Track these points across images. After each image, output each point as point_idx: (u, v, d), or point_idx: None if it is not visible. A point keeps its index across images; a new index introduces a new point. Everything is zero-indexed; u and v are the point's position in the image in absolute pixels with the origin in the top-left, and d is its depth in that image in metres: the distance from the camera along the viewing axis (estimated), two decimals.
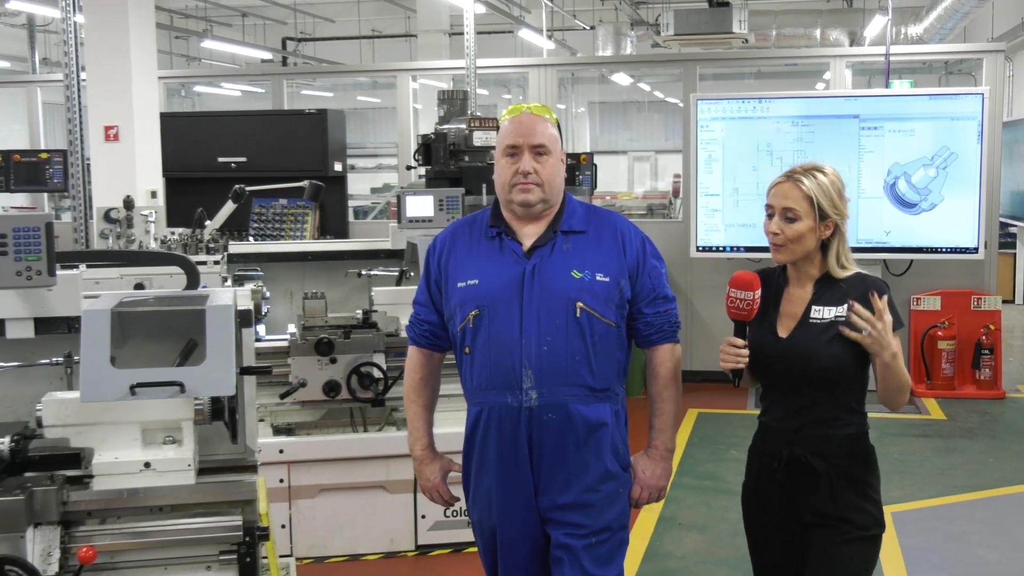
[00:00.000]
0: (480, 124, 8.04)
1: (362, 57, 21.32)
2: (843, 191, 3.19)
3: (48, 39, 17.17)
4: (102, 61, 8.65)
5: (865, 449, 3.23)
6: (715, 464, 7.18)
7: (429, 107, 12.91)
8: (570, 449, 3.19)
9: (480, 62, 10.75)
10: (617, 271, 3.24)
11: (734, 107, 9.01)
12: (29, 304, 3.20)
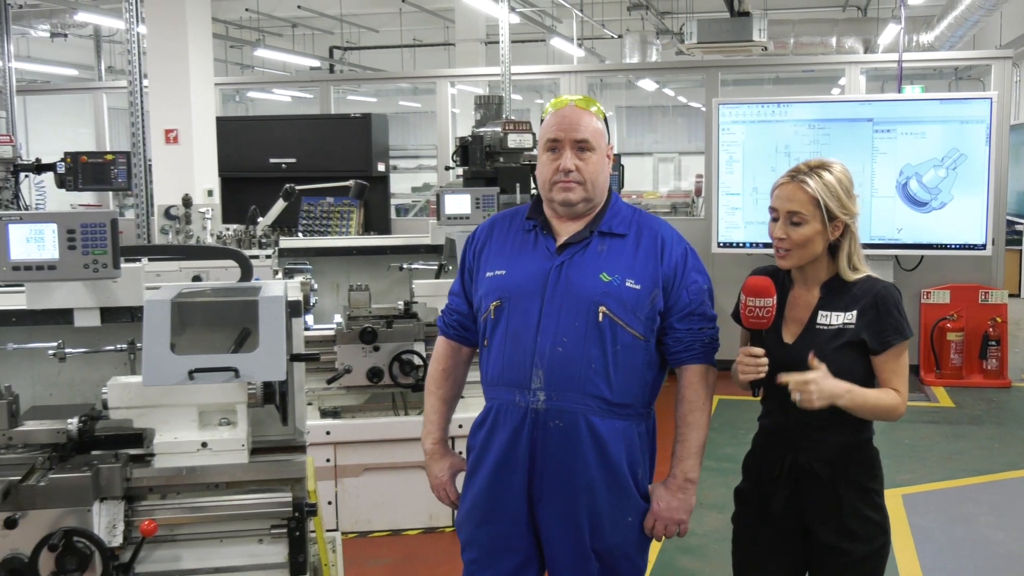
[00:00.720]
0: (514, 127, 8.04)
1: (404, 65, 21.35)
2: (851, 188, 2.87)
3: (113, 49, 17.30)
4: (163, 69, 8.71)
5: (870, 455, 2.96)
6: (735, 448, 7.11)
7: (466, 111, 12.92)
8: (575, 463, 2.83)
9: (514, 69, 10.73)
10: (651, 280, 2.88)
11: (754, 111, 8.97)
12: (96, 295, 3.23)
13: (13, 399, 2.94)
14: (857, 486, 2.90)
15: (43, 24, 15.13)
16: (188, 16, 8.75)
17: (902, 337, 2.82)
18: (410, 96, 23.22)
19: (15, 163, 8.12)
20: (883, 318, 2.80)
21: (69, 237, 3.07)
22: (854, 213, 2.86)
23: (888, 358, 2.82)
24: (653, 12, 16.61)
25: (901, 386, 2.82)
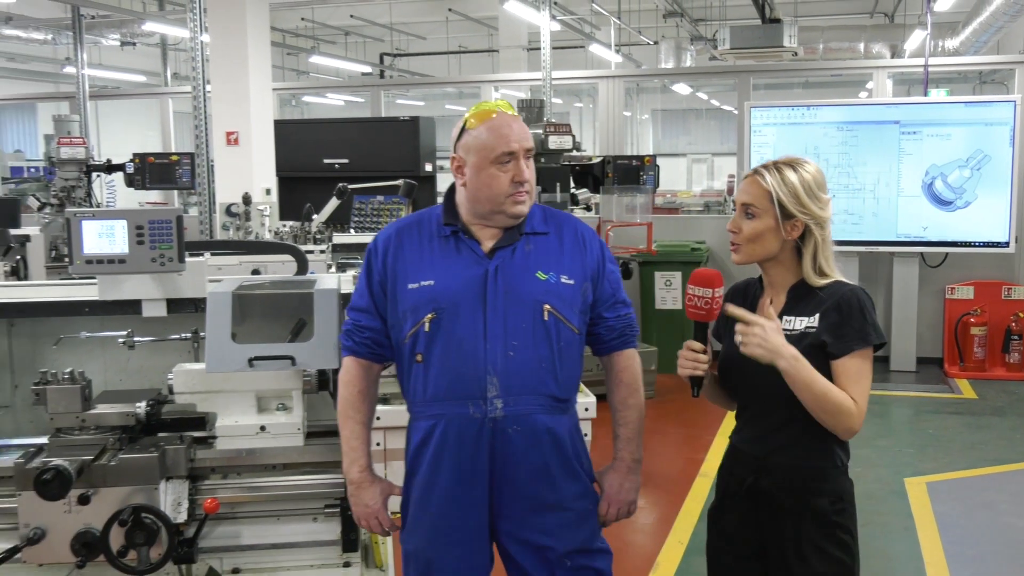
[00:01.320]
0: (555, 129, 8.04)
1: (450, 70, 21.38)
2: (817, 190, 2.55)
3: (178, 56, 17.48)
4: (224, 75, 8.78)
5: (840, 486, 2.58)
6: None
7: None
8: (536, 465, 2.63)
9: (555, 74, 10.70)
10: (581, 274, 2.73)
11: (784, 114, 8.90)
12: (162, 287, 3.26)
13: (86, 384, 2.98)
14: (821, 519, 2.54)
15: (114, 34, 15.30)
16: (248, 25, 8.82)
17: (864, 343, 2.48)
18: (456, 100, 23.25)
19: (88, 163, 8.24)
20: (846, 321, 2.49)
21: (138, 233, 3.11)
22: (816, 215, 2.54)
23: (847, 364, 2.47)
24: (687, 19, 16.51)
25: (858, 396, 2.46)
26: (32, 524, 2.76)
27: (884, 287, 9.12)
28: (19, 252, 6.47)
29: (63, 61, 16.97)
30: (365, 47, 20.77)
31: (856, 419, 2.46)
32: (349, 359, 2.74)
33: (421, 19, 18.74)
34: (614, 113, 10.67)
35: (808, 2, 16.12)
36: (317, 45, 19.18)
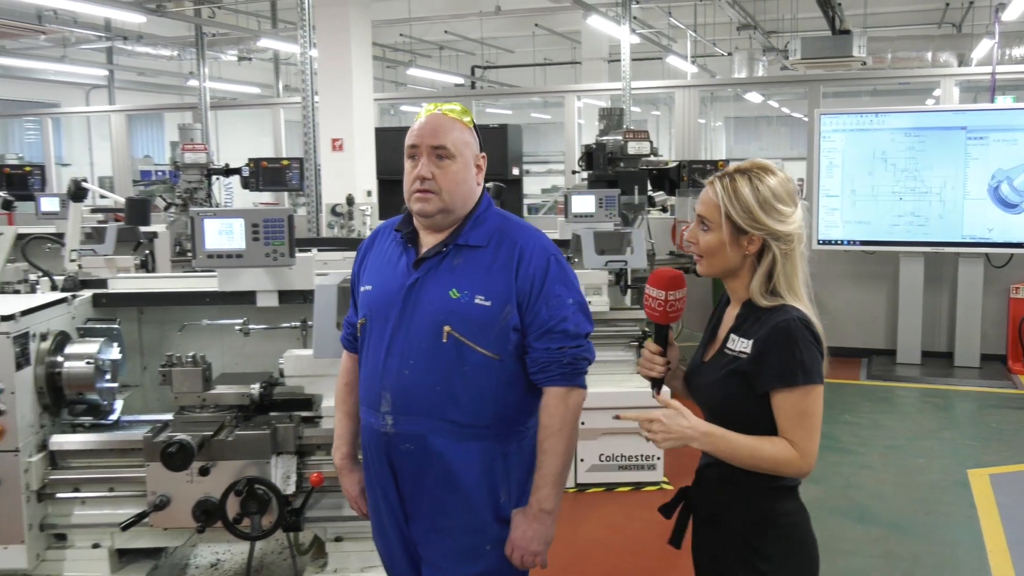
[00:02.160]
0: (634, 136, 7.98)
1: (535, 81, 21.34)
2: (775, 203, 2.13)
3: (288, 70, 17.80)
4: (331, 87, 8.91)
5: (766, 510, 2.17)
6: (830, 426, 6.94)
7: (590, 122, 12.85)
8: (432, 486, 2.38)
9: (634, 84, 10.62)
10: (503, 295, 2.34)
11: (853, 120, 8.68)
12: (274, 279, 3.33)
13: (207, 367, 3.05)
14: (735, 540, 2.19)
15: (232, 50, 15.65)
16: (352, 41, 8.93)
17: (784, 383, 2.07)
18: (541, 109, 23.24)
19: (208, 168, 8.45)
20: (770, 355, 2.09)
21: (253, 230, 3.17)
22: (772, 230, 2.13)
23: (783, 402, 2.08)
24: (760, 31, 16.21)
25: (800, 439, 2.08)
26: (158, 492, 2.85)
27: (949, 286, 8.84)
28: (148, 247, 6.68)
29: (187, 75, 17.41)
30: (458, 60, 20.87)
31: (800, 463, 2.08)
32: (344, 352, 2.64)
33: (509, 34, 18.75)
34: (689, 120, 10.54)
35: (877, 13, 15.67)
36: (414, 59, 19.33)
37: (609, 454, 5.58)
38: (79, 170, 16.72)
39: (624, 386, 5.57)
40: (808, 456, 2.09)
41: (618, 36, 11.32)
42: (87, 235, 6.11)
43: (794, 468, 2.09)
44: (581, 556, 4.75)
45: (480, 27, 16.99)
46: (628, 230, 6.13)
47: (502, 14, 13.10)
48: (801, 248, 2.18)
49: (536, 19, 16.70)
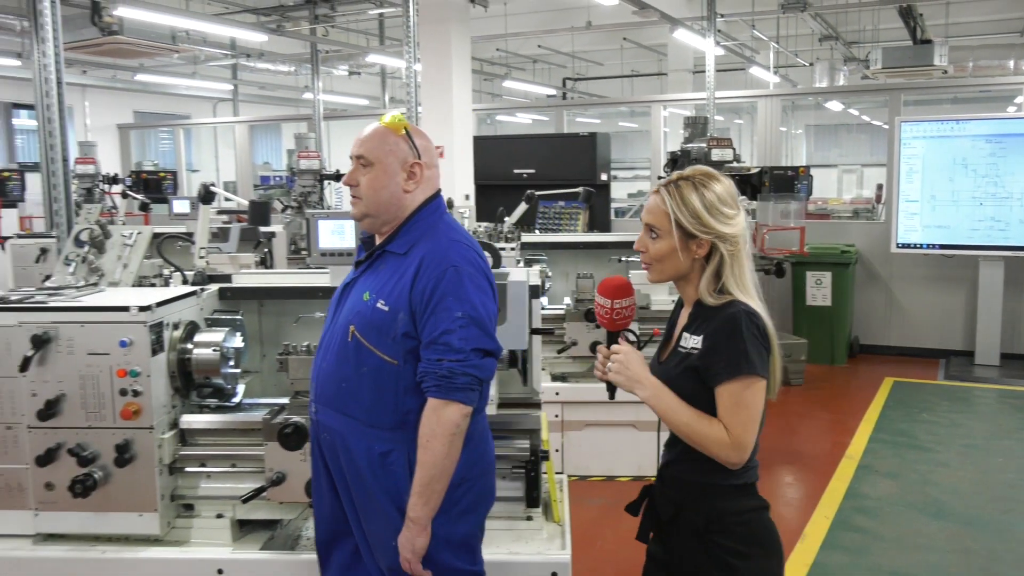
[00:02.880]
0: (717, 143, 7.84)
1: (623, 92, 21.19)
2: (721, 206, 2.13)
3: (394, 83, 18.05)
4: (433, 98, 9.01)
5: (723, 507, 2.13)
6: (908, 424, 6.71)
7: (675, 130, 12.69)
8: (349, 474, 2.38)
9: (718, 94, 10.44)
10: (398, 301, 2.30)
11: (934, 127, 8.36)
12: None
13: None
14: (697, 536, 2.15)
15: (343, 65, 15.96)
16: (453, 56, 9.02)
17: (731, 374, 2.04)
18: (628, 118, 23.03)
19: (321, 173, 8.61)
20: (716, 348, 2.07)
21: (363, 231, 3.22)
22: (719, 232, 2.11)
23: (722, 392, 2.06)
24: (841, 42, 15.77)
25: (735, 427, 2.04)
26: (275, 469, 2.91)
27: None
28: (267, 246, 6.84)
29: (303, 89, 17.81)
30: (550, 72, 20.85)
31: (729, 450, 2.04)
32: None
33: (599, 47, 18.65)
34: (771, 128, 10.31)
35: (959, 23, 15.06)
36: (509, 71, 19.39)
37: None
38: (206, 175, 17.28)
39: None
40: (740, 447, 2.05)
41: (703, 48, 11.16)
42: (213, 234, 6.29)
43: (724, 453, 2.05)
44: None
45: (571, 41, 16.94)
46: None
47: (593, 29, 13.03)
48: (747, 248, 2.17)
49: (624, 33, 16.56)
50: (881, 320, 9.22)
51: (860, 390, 7.75)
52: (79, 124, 16.57)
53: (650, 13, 10.69)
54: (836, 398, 7.54)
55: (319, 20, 13.06)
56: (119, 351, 2.86)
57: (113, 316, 2.87)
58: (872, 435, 6.43)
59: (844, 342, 8.83)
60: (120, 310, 2.87)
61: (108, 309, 2.88)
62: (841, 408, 7.24)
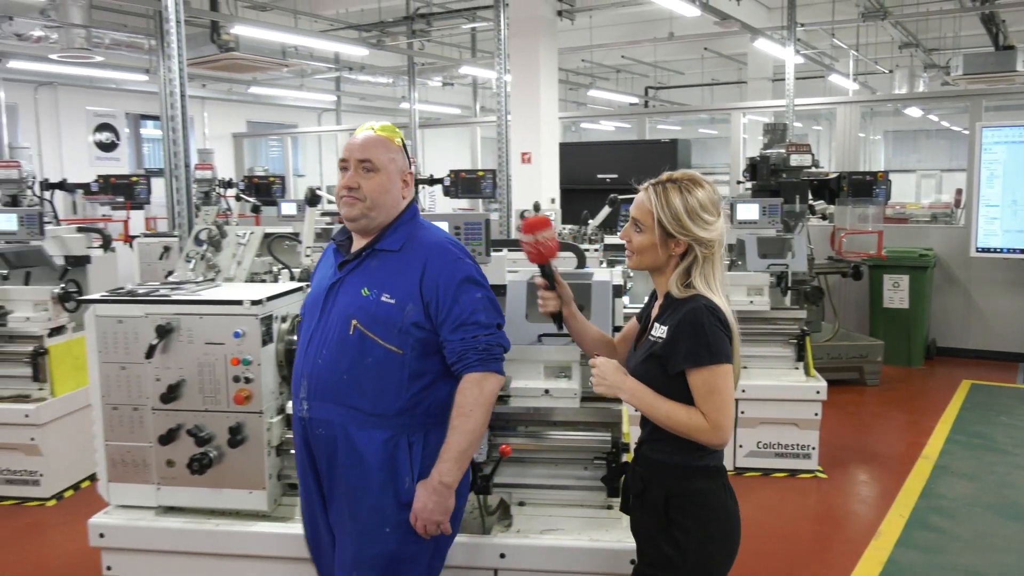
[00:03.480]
0: (796, 149, 7.66)
1: (703, 99, 20.86)
2: (701, 212, 2.19)
3: (484, 93, 18.16)
4: (521, 107, 9.03)
5: (684, 486, 2.20)
6: (985, 426, 6.43)
7: (753, 136, 12.43)
8: (343, 469, 2.37)
9: (797, 101, 10.19)
10: (406, 293, 2.36)
11: (1016, 133, 8.00)
12: None
13: None
14: (655, 511, 2.23)
15: (437, 76, 16.13)
16: (541, 67, 9.02)
17: (692, 363, 2.11)
18: (707, 125, 22.70)
19: (416, 178, 8.73)
20: (678, 339, 2.14)
21: (455, 232, 3.24)
22: (697, 236, 2.18)
23: (693, 380, 2.13)
24: (922, 49, 15.18)
25: (711, 412, 2.11)
26: None
27: None
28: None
29: (399, 99, 18.07)
30: (632, 82, 20.67)
31: (711, 434, 2.11)
32: None
33: (680, 57, 18.41)
34: (850, 134, 10.01)
35: None
36: (593, 81, 19.29)
37: (767, 442, 5.39)
38: (311, 180, 17.69)
39: (783, 379, 5.36)
40: (719, 428, 2.12)
41: (783, 57, 10.90)
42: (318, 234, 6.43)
43: (705, 436, 2.13)
44: None
45: (654, 52, 16.76)
46: (789, 236, 5.90)
47: (674, 40, 12.87)
48: (721, 252, 2.24)
49: (705, 43, 16.31)
50: (959, 323, 8.86)
51: (937, 392, 7.46)
52: (198, 133, 17.17)
53: (731, 24, 10.49)
54: (912, 399, 7.27)
55: (416, 35, 13.24)
56: (233, 341, 2.94)
57: (228, 309, 2.95)
58: (948, 436, 6.18)
59: (921, 344, 8.52)
60: (234, 304, 2.95)
61: (224, 303, 2.96)
62: (917, 409, 6.98)
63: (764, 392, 5.31)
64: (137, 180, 8.21)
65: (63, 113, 15.51)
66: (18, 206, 6.84)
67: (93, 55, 10.86)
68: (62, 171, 13.16)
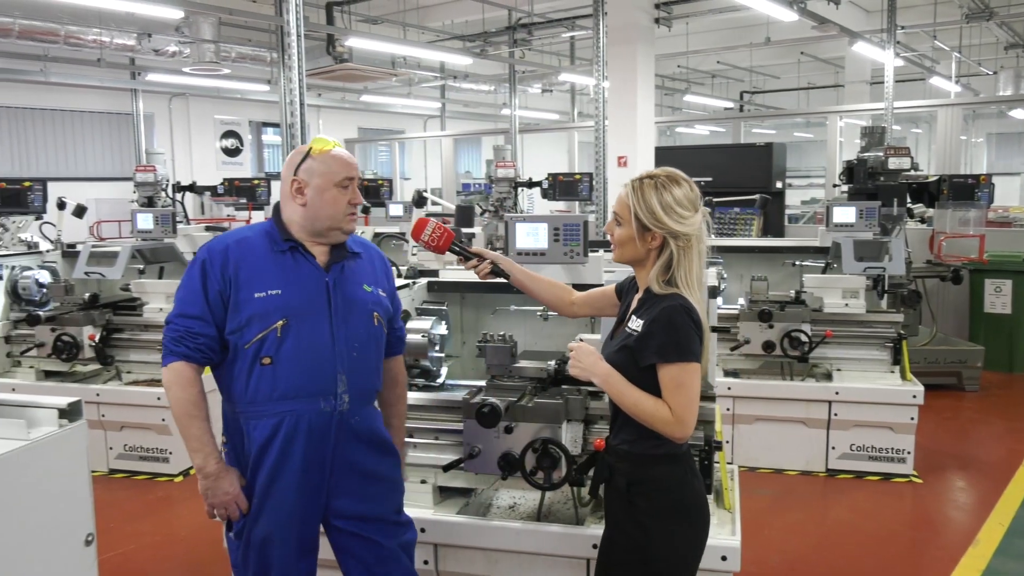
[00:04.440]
0: (895, 152, 7.36)
1: (799, 103, 20.25)
2: (676, 207, 2.19)
3: (582, 99, 18.10)
4: (618, 112, 8.97)
5: (647, 474, 2.24)
6: None
7: (850, 140, 12.00)
8: (369, 450, 2.49)
9: (896, 104, 9.78)
10: (387, 289, 2.60)
11: None
12: (570, 274, 3.38)
13: (513, 344, 3.16)
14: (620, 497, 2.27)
15: (537, 83, 16.17)
16: (638, 73, 8.93)
17: (662, 358, 2.13)
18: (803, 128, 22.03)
19: (515, 181, 8.77)
20: (650, 334, 2.16)
21: (555, 233, 3.25)
22: (671, 229, 2.19)
23: (662, 374, 2.15)
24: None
25: (677, 406, 2.12)
26: (472, 444, 2.98)
27: None
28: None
29: (500, 105, 18.20)
30: (727, 86, 20.25)
31: (674, 427, 2.13)
32: (182, 364, 2.36)
33: (776, 62, 17.91)
34: (951, 137, 9.55)
35: None
36: (689, 86, 18.99)
37: (860, 444, 5.19)
38: (416, 183, 18.01)
39: (878, 383, 5.16)
40: (682, 422, 2.14)
41: (882, 60, 10.48)
42: None
43: (668, 428, 2.14)
44: (831, 536, 4.46)
45: (750, 57, 16.37)
46: (887, 239, 5.66)
47: (771, 44, 12.53)
48: (700, 247, 2.23)
49: (802, 48, 15.83)
50: None
51: None
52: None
53: (829, 27, 10.14)
54: (1014, 406, 6.88)
55: (517, 44, 13.31)
56: None
57: None
58: None
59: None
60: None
61: None
62: (1019, 416, 6.59)
63: (858, 395, 5.12)
64: (258, 183, 8.52)
65: (193, 121, 16.25)
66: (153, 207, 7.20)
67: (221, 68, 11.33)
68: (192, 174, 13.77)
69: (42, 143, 14.30)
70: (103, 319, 5.41)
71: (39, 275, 5.65)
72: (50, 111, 14.26)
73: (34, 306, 5.58)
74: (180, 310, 2.38)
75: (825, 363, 5.33)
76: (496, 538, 2.94)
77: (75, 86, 13.67)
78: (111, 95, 14.67)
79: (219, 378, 2.46)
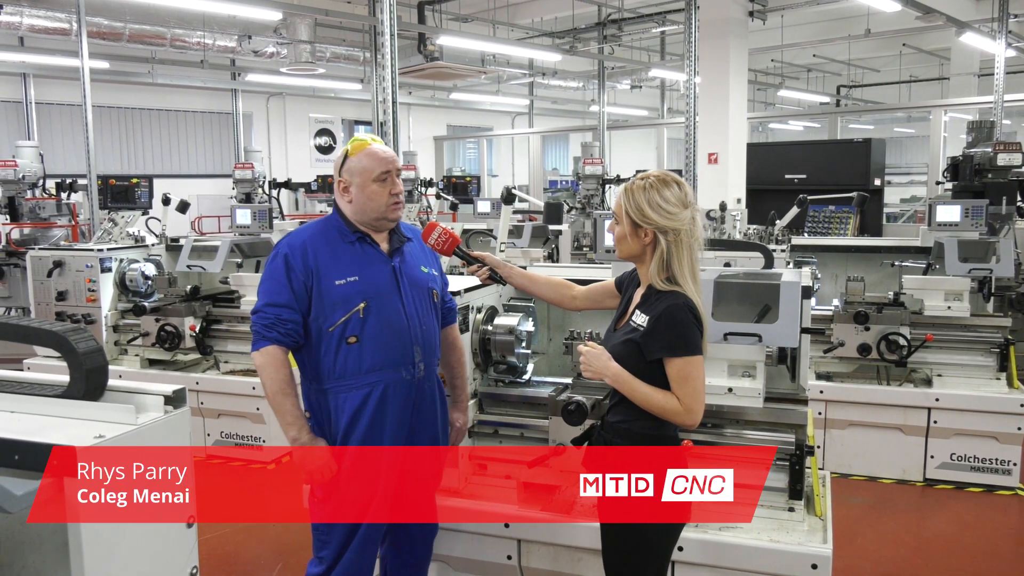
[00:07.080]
0: (1004, 148, 7.00)
1: (900, 97, 19.48)
2: (664, 204, 2.30)
3: (672, 95, 17.86)
4: (709, 108, 8.83)
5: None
6: None
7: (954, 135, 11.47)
8: (437, 412, 2.76)
9: (1007, 97, 9.30)
10: (438, 269, 2.87)
11: None
12: None
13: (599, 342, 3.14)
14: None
15: (626, 80, 16.03)
16: (731, 69, 8.77)
17: (669, 353, 2.26)
18: (904, 123, 21.17)
19: (603, 178, 8.73)
20: (657, 330, 2.28)
21: None
22: (659, 224, 2.30)
23: (669, 367, 2.28)
24: None
25: (684, 397, 2.26)
26: (557, 440, 3.00)
27: None
28: (554, 242, 7.05)
29: (589, 102, 18.13)
30: (823, 80, 19.63)
31: (684, 416, 2.28)
32: (274, 347, 2.58)
33: (876, 54, 17.28)
34: None
35: None
36: (783, 81, 18.50)
37: (961, 454, 4.97)
38: (503, 180, 18.12)
39: (983, 390, 4.93)
40: (691, 412, 2.27)
41: (992, 51, 9.99)
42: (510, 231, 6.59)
43: (679, 418, 2.28)
44: (929, 548, 4.29)
45: (848, 49, 15.84)
46: (994, 239, 5.40)
47: (871, 36, 12.10)
48: (690, 242, 2.32)
49: (904, 39, 15.20)
50: None
51: None
52: (403, 136, 18.01)
53: (935, 17, 9.72)
54: None
55: (607, 40, 13.23)
56: None
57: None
58: None
59: None
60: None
61: None
62: None
63: (960, 402, 4.90)
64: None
65: (289, 120, 16.76)
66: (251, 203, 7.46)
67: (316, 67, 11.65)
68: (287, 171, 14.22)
69: (148, 142, 15.00)
70: (203, 311, 5.65)
71: (145, 268, 5.94)
72: (156, 111, 14.95)
73: (140, 297, 5.86)
74: (268, 300, 2.62)
75: (925, 368, 5.12)
76: (578, 536, 2.94)
77: (179, 87, 14.29)
78: (212, 95, 15.28)
79: (303, 360, 2.68)
